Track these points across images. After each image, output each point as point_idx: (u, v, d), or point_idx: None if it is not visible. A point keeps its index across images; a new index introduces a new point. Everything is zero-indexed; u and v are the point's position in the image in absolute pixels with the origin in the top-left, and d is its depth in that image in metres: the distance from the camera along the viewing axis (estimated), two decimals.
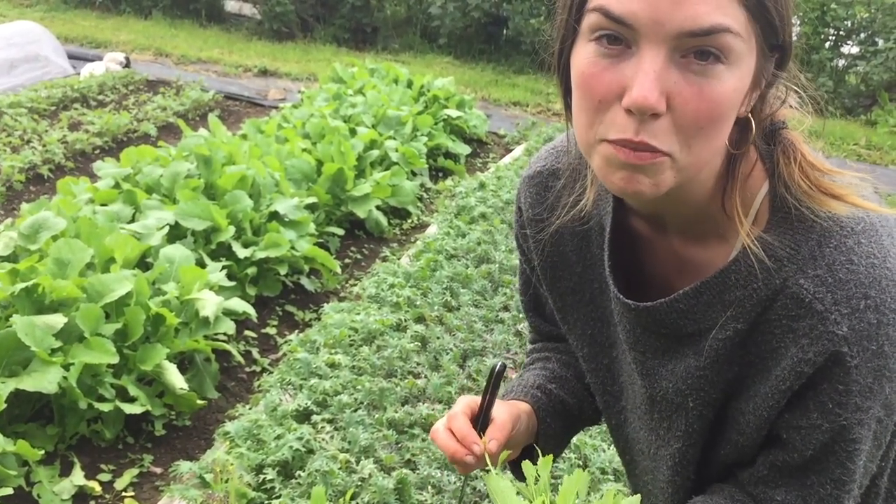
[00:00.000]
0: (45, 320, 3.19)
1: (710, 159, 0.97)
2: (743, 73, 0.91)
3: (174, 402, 3.53)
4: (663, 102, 0.88)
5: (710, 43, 0.87)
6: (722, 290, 1.02)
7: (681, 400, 1.10)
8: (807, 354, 0.96)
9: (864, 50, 10.97)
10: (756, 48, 0.92)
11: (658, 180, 0.93)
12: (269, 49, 12.17)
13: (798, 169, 1.00)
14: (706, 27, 0.86)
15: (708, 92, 0.88)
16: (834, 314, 0.95)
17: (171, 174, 4.88)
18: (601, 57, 0.90)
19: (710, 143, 0.94)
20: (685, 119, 0.89)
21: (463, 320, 4.16)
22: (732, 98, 0.91)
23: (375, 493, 2.78)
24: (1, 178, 5.89)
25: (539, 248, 1.25)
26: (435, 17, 12.55)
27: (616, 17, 0.88)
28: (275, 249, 4.48)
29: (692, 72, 0.88)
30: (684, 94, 0.88)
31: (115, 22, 13.03)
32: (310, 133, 6.36)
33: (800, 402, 0.99)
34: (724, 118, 0.92)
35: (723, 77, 0.89)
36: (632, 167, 0.92)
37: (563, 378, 1.40)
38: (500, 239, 5.17)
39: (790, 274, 0.98)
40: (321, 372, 3.48)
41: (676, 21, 0.85)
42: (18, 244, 3.89)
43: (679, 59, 0.88)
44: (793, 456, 1.01)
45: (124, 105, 8.21)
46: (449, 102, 8.09)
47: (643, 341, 1.11)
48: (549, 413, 1.32)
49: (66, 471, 3.14)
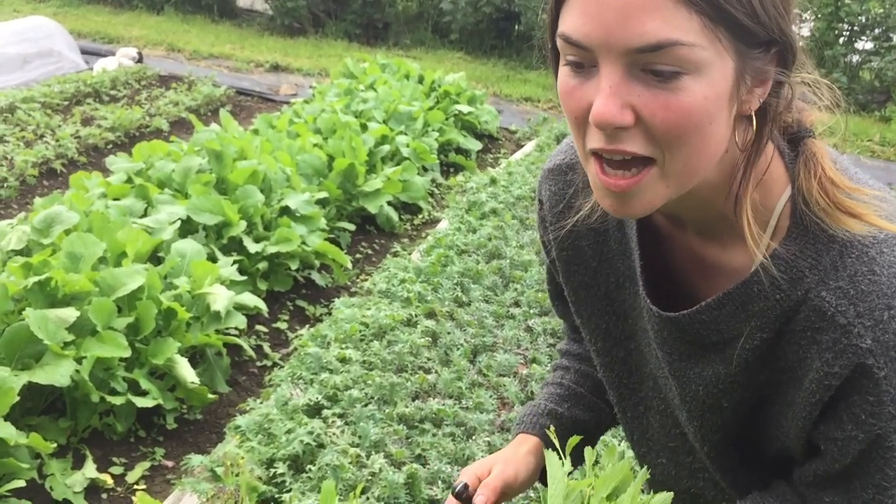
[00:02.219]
0: (58, 314, 3.21)
1: (704, 165, 0.95)
2: (713, 79, 0.89)
3: (185, 395, 3.54)
4: (627, 115, 0.89)
5: (662, 59, 0.87)
6: (744, 301, 1.01)
7: (713, 401, 1.10)
8: (832, 368, 0.96)
9: (878, 46, 10.89)
10: (728, 50, 0.89)
11: (648, 198, 0.94)
12: (280, 44, 12.18)
13: (818, 184, 0.98)
14: (654, 43, 0.86)
15: (675, 103, 0.88)
16: (857, 327, 0.94)
17: (182, 169, 4.90)
18: (573, 76, 0.93)
19: (695, 149, 0.92)
20: (657, 130, 0.90)
21: (473, 316, 4.15)
22: (705, 106, 0.89)
23: (385, 487, 2.78)
24: (14, 173, 5.92)
25: (557, 239, 1.26)
26: (446, 13, 12.53)
27: (574, 42, 0.90)
28: (286, 244, 4.49)
29: (655, 84, 0.89)
30: (650, 107, 0.89)
31: (128, 17, 13.07)
32: (321, 128, 6.37)
33: (833, 414, 0.99)
34: (701, 126, 0.91)
35: (688, 87, 0.88)
36: (618, 195, 0.94)
37: (576, 395, 1.42)
38: (510, 235, 5.17)
39: (812, 286, 0.97)
40: (332, 367, 3.49)
41: (625, 39, 0.86)
42: (31, 238, 3.91)
43: (640, 73, 0.89)
44: (833, 466, 1.00)
45: (136, 100, 8.24)
46: (460, 98, 8.08)
47: (670, 344, 1.11)
48: (559, 439, 1.33)
49: (79, 464, 3.16)
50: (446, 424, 3.24)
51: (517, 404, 3.49)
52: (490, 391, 3.54)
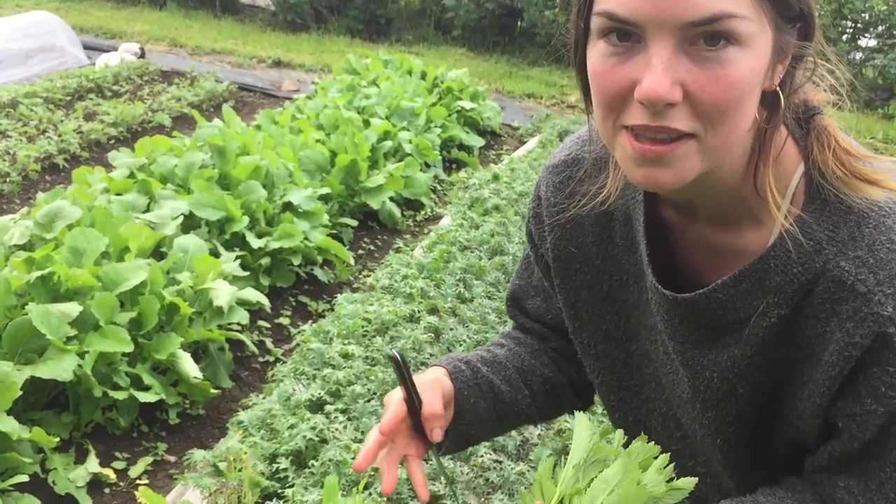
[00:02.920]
0: (61, 308, 3.21)
1: (737, 140, 0.95)
2: (758, 51, 0.90)
3: (188, 390, 3.54)
4: (677, 91, 0.88)
5: (715, 29, 0.87)
6: (762, 276, 1.01)
7: (728, 388, 1.09)
8: (853, 338, 0.95)
9: (881, 43, 10.87)
10: (769, 24, 0.91)
11: (682, 169, 0.93)
12: (283, 40, 12.17)
13: (832, 155, 0.99)
14: (708, 15, 0.86)
15: (723, 76, 0.88)
16: (878, 295, 0.94)
17: (185, 164, 4.89)
18: (611, 55, 0.92)
19: (736, 124, 0.93)
20: (705, 105, 0.89)
21: (476, 312, 4.15)
22: (750, 78, 0.90)
23: None
24: (17, 168, 5.92)
25: (555, 237, 1.24)
26: (449, 9, 12.52)
27: (620, 19, 0.89)
28: (288, 240, 4.48)
29: (704, 58, 0.88)
30: (700, 81, 0.88)
31: (130, 12, 13.07)
32: (323, 124, 6.36)
33: (852, 389, 0.98)
34: (744, 99, 0.91)
35: (736, 59, 0.88)
36: (652, 161, 0.93)
37: (500, 365, 1.36)
38: (513, 231, 5.16)
39: (830, 256, 0.97)
40: (334, 362, 3.48)
41: (678, 12, 0.86)
42: (34, 233, 3.91)
43: (688, 47, 0.88)
44: (851, 444, 1.00)
45: (139, 95, 8.24)
46: (463, 94, 8.07)
47: (682, 332, 1.10)
48: (469, 387, 1.29)
49: (81, 458, 3.16)
50: None
51: None
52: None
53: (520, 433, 3.26)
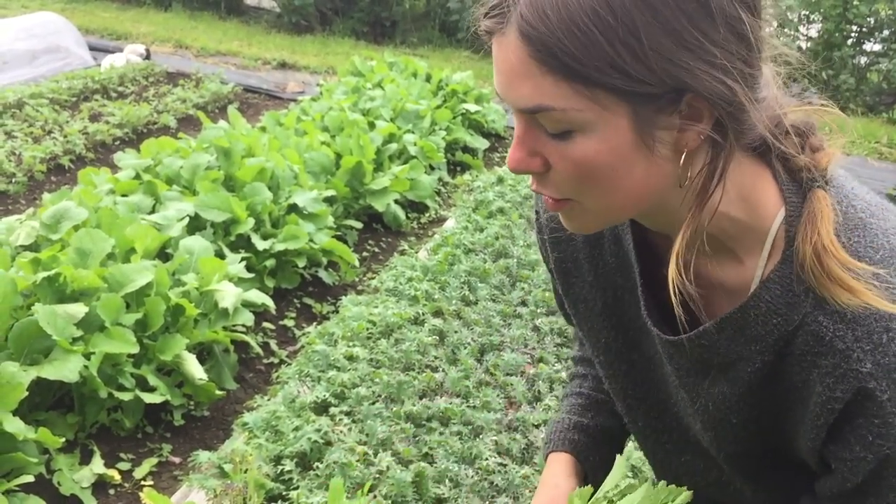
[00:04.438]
0: (67, 309, 3.21)
1: (625, 201, 0.96)
2: (604, 134, 0.89)
3: (193, 392, 3.55)
4: (535, 162, 0.95)
5: (545, 120, 0.91)
6: (742, 325, 1.01)
7: (722, 416, 1.09)
8: (834, 392, 0.95)
9: (886, 47, 10.85)
10: (617, 105, 0.88)
11: (580, 223, 1.01)
12: (287, 42, 12.19)
13: (812, 250, 0.95)
14: (530, 107, 0.91)
15: (570, 153, 0.92)
16: (856, 352, 0.93)
17: (191, 166, 4.90)
18: None
19: (605, 193, 0.95)
20: (561, 177, 0.95)
21: (481, 315, 4.15)
22: (598, 158, 0.91)
23: (393, 485, 2.79)
24: (22, 168, 5.93)
25: (554, 253, 1.26)
26: (454, 12, 12.53)
27: (500, 96, 0.98)
28: (293, 242, 4.49)
29: (553, 136, 0.93)
30: (553, 157, 0.94)
31: (136, 14, 13.09)
32: (328, 126, 6.36)
33: (840, 436, 0.98)
34: (602, 176, 0.93)
35: (579, 143, 0.91)
36: (556, 213, 1.02)
37: (598, 402, 1.42)
38: (518, 234, 5.16)
39: (808, 310, 0.96)
40: (339, 364, 3.49)
41: (512, 99, 0.93)
42: (40, 234, 3.92)
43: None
44: (845, 485, 0.99)
45: (144, 97, 8.25)
46: (467, 97, 8.07)
47: (677, 360, 1.11)
48: (590, 450, 1.37)
49: (86, 459, 3.17)
50: (454, 423, 3.24)
51: (524, 403, 3.49)
52: (497, 390, 3.54)
53: (525, 436, 3.26)
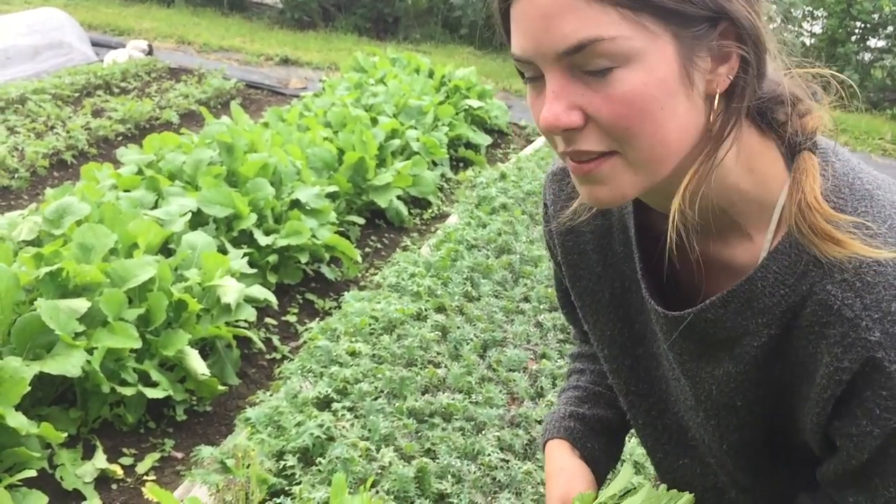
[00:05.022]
0: (69, 304, 3.21)
1: (667, 152, 0.94)
2: (650, 64, 0.89)
3: (196, 387, 3.55)
4: (574, 116, 0.91)
5: (589, 57, 0.89)
6: (749, 298, 1.00)
7: (727, 400, 1.08)
8: (842, 363, 0.94)
9: (890, 44, 10.83)
10: (663, 32, 0.89)
11: (616, 185, 0.95)
12: (290, 38, 12.18)
13: (797, 207, 0.96)
14: (575, 44, 0.88)
15: (614, 94, 0.90)
16: (865, 320, 0.92)
17: (193, 161, 4.90)
18: (531, 89, 0.97)
19: (652, 137, 0.92)
20: (606, 125, 0.91)
21: (483, 310, 4.15)
22: (646, 92, 0.90)
23: (395, 481, 2.78)
24: (25, 164, 5.94)
25: (561, 243, 1.25)
26: (456, 8, 12.51)
27: (518, 58, 0.94)
28: (296, 237, 4.49)
29: (593, 80, 0.90)
30: (595, 103, 0.91)
31: (138, 9, 13.09)
32: (331, 122, 6.36)
33: (846, 410, 0.97)
34: (647, 113, 0.90)
35: (625, 78, 0.89)
36: (587, 179, 0.96)
37: (595, 394, 1.42)
38: (520, 230, 5.16)
39: (816, 279, 0.95)
40: (342, 360, 3.49)
41: (551, 45, 0.89)
42: (43, 229, 3.92)
43: (579, 72, 0.91)
44: (850, 462, 0.98)
45: (147, 92, 8.25)
46: (470, 93, 8.06)
47: (679, 344, 1.09)
48: (587, 438, 1.37)
49: (89, 454, 3.17)
50: (456, 419, 3.24)
51: (527, 399, 3.49)
52: (500, 386, 3.53)
53: (527, 432, 3.26)
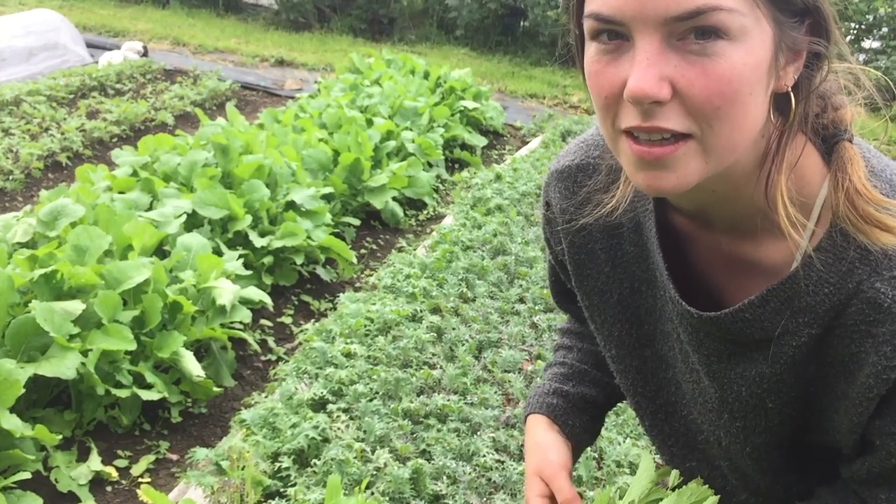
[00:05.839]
0: (64, 306, 3.21)
1: (741, 141, 0.91)
2: (753, 46, 0.86)
3: (191, 389, 3.54)
4: (665, 88, 0.86)
5: (700, 23, 0.84)
6: (790, 296, 0.97)
7: (757, 401, 1.06)
8: (891, 361, 0.92)
9: (885, 45, 10.86)
10: (767, 17, 0.87)
11: (684, 172, 0.90)
12: (285, 39, 12.17)
13: (844, 196, 0.94)
14: (692, 9, 0.84)
15: (713, 70, 0.85)
16: None
17: (188, 163, 4.90)
18: (603, 54, 0.90)
19: (737, 123, 0.88)
20: (696, 101, 0.86)
21: (479, 311, 4.15)
22: (743, 73, 0.86)
23: (391, 482, 2.78)
24: (19, 165, 5.92)
25: (568, 243, 1.23)
26: (452, 9, 12.52)
27: (606, 19, 0.88)
28: (291, 239, 4.48)
29: (692, 52, 0.85)
30: (688, 76, 0.85)
31: (133, 11, 13.07)
32: (326, 123, 6.36)
33: (890, 409, 0.95)
34: (740, 95, 0.87)
35: (726, 53, 0.85)
36: (652, 164, 0.90)
37: (581, 372, 1.40)
38: (516, 231, 5.16)
39: (864, 276, 0.93)
40: (337, 361, 3.48)
41: (661, 7, 0.84)
42: (37, 231, 3.92)
43: (676, 42, 0.86)
44: (889, 461, 0.97)
45: (142, 94, 8.24)
46: (465, 94, 8.07)
47: (707, 345, 1.06)
48: (568, 414, 1.36)
49: (84, 456, 3.16)
50: (451, 420, 3.24)
51: (522, 400, 3.49)
52: (495, 387, 3.54)
53: (522, 433, 3.26)
